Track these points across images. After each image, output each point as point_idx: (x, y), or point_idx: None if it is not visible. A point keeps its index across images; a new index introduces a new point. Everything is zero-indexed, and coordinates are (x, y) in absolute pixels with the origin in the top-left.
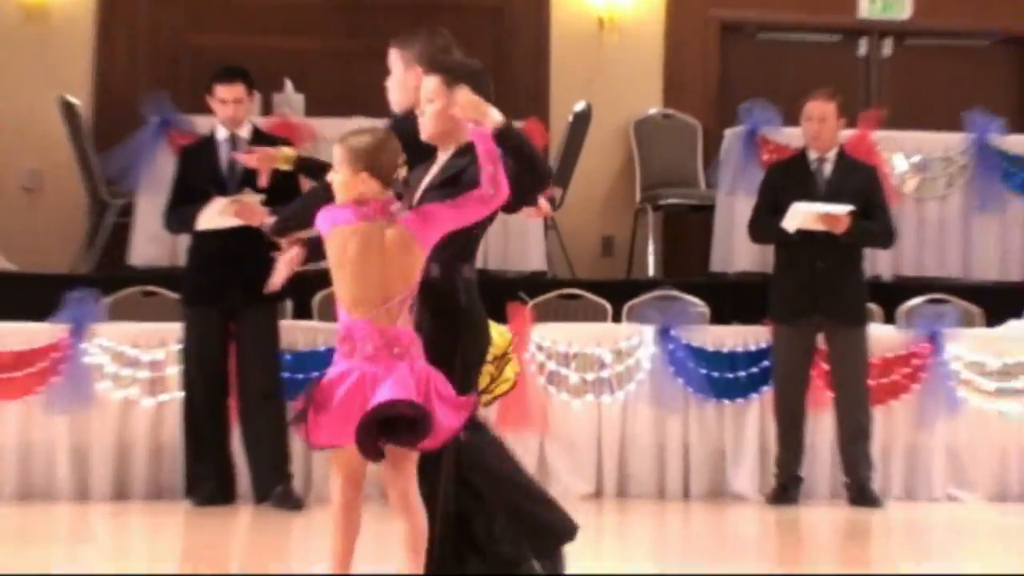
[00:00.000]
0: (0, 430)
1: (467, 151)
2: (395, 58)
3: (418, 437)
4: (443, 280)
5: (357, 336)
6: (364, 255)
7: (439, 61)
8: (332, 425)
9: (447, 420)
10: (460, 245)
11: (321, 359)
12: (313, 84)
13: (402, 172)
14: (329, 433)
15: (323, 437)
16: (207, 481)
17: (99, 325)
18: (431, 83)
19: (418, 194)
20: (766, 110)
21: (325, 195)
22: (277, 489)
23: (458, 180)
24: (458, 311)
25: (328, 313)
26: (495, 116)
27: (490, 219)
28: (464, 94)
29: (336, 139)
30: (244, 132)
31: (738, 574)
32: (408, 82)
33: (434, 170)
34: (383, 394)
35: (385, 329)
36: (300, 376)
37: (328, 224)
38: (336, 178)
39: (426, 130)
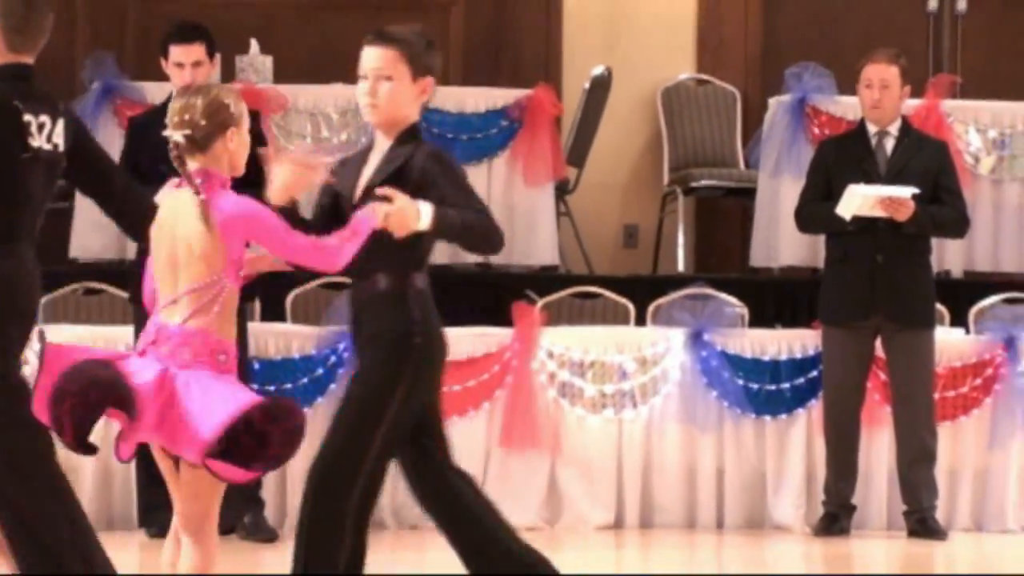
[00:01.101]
0: None
1: (411, 137)
2: None
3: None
4: (391, 292)
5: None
6: (159, 229)
7: (390, 32)
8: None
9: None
10: (411, 247)
11: (296, 368)
12: (283, 45)
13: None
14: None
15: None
16: (163, 510)
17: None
18: (382, 56)
19: (359, 189)
20: (817, 76)
21: None
22: (247, 518)
23: (404, 174)
24: (409, 332)
25: (304, 315)
26: (426, 219)
27: None
28: (401, 200)
29: (310, 109)
30: None
31: None
32: None
33: (375, 159)
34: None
35: (162, 324)
36: (272, 388)
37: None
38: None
39: (378, 114)
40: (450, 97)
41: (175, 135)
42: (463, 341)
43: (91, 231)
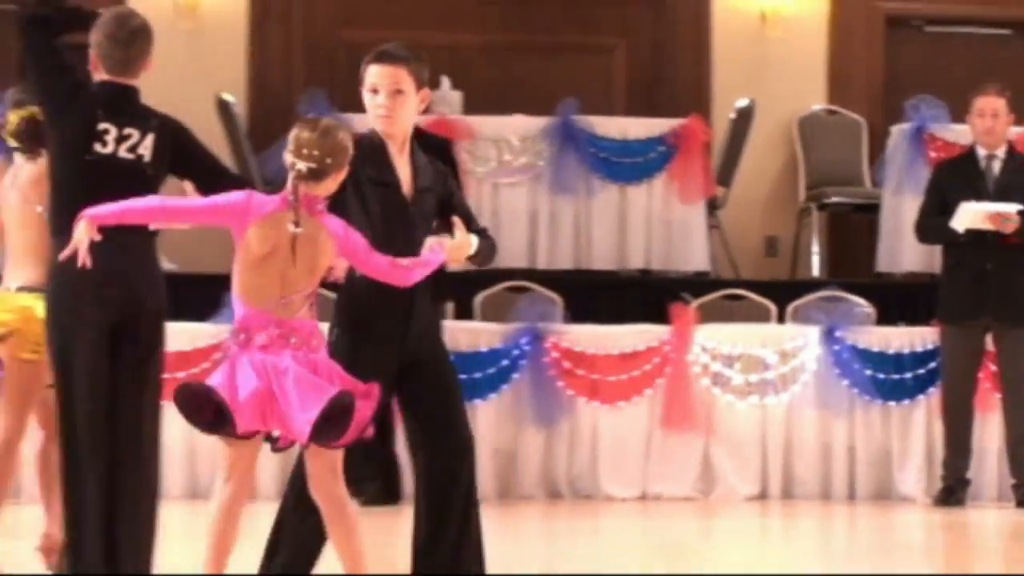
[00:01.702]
0: (166, 431)
1: (415, 145)
2: None
3: (343, 432)
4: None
5: (253, 327)
6: (279, 243)
7: (396, 51)
8: (246, 416)
9: (360, 412)
10: None
11: (484, 360)
12: (470, 80)
13: (299, 165)
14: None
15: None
16: (373, 481)
17: None
18: (393, 73)
19: (408, 186)
20: (933, 106)
21: None
22: None
23: (445, 185)
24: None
25: (491, 314)
26: (472, 250)
27: None
28: (463, 236)
29: (494, 136)
30: None
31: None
32: None
33: (404, 162)
34: (316, 389)
35: (283, 320)
36: (463, 377)
37: (258, 213)
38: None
39: (393, 124)
40: (615, 126)
41: (300, 164)
42: (628, 337)
43: None
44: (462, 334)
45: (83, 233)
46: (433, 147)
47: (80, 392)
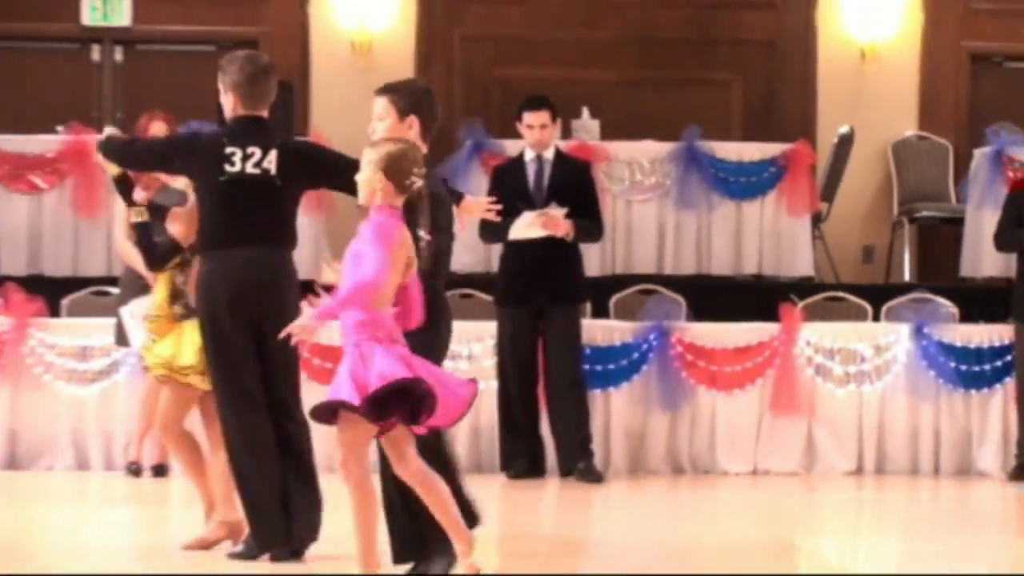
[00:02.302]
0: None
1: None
2: None
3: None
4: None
5: (388, 327)
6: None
7: (387, 84)
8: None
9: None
10: None
11: (617, 353)
12: (607, 111)
13: (417, 182)
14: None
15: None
16: (520, 458)
17: None
18: (378, 103)
19: None
20: (1012, 133)
21: None
22: (580, 465)
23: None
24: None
25: (623, 312)
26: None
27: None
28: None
29: (627, 159)
30: (548, 154)
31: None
32: None
33: None
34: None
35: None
36: (599, 368)
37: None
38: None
39: None
40: (732, 150)
41: (419, 181)
42: (742, 333)
43: (463, 250)
44: (598, 331)
45: (309, 322)
46: (574, 168)
47: (234, 393)
